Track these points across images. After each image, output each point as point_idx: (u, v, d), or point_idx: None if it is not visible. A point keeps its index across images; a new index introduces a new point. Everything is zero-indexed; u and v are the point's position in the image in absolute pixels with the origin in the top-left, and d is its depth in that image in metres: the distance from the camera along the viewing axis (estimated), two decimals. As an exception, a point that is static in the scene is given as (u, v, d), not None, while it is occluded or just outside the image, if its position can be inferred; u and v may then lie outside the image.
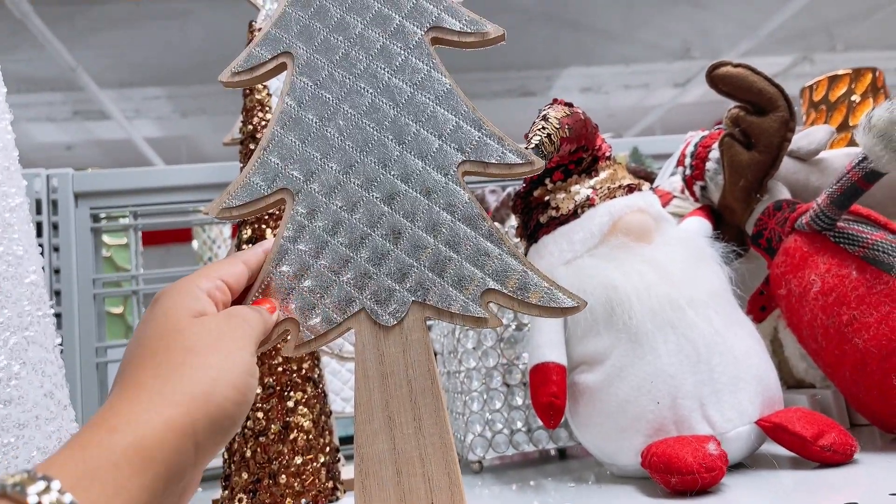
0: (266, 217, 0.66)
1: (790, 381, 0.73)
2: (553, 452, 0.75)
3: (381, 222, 0.42)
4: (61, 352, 0.56)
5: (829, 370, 0.59)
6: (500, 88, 3.88)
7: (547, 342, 0.56)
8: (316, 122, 0.44)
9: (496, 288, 0.41)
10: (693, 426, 0.52)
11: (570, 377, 0.57)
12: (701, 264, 0.58)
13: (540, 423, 0.70)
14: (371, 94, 0.44)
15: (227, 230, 1.49)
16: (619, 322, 0.54)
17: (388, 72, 0.44)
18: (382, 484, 0.40)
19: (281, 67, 0.45)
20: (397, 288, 0.42)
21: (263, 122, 0.69)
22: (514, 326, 0.73)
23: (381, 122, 0.43)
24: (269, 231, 0.66)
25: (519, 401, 0.70)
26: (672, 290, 0.54)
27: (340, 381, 0.92)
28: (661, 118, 4.31)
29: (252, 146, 0.68)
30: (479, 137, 0.42)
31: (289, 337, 0.42)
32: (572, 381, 0.57)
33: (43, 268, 0.53)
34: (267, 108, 0.70)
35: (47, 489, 0.23)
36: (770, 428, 0.52)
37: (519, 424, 0.69)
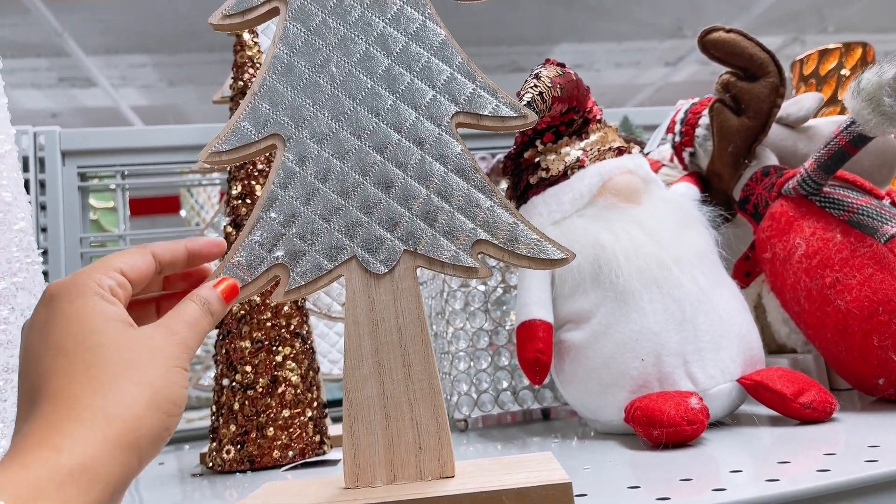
0: (255, 173, 0.66)
1: (772, 347, 0.74)
2: (538, 413, 0.76)
3: (373, 171, 0.42)
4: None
5: (810, 332, 0.60)
6: (491, 63, 3.85)
7: (534, 300, 0.57)
8: (308, 70, 0.44)
9: (487, 238, 0.41)
10: (676, 382, 0.53)
11: (557, 335, 0.58)
12: (688, 226, 0.58)
13: (525, 383, 0.71)
14: (365, 42, 0.43)
15: (214, 195, 1.48)
16: (606, 281, 0.55)
17: (382, 21, 0.43)
18: (371, 428, 0.41)
19: (273, 12, 0.45)
20: (388, 236, 0.42)
21: (254, 79, 0.69)
22: (501, 289, 0.73)
23: (375, 71, 0.43)
24: (258, 187, 0.66)
25: (505, 361, 0.71)
26: (659, 249, 0.55)
27: (328, 344, 0.93)
28: (651, 96, 4.31)
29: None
30: (473, 89, 0.42)
31: (278, 283, 0.42)
32: (558, 339, 0.58)
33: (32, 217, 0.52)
34: (258, 65, 0.70)
35: None
36: (751, 385, 0.54)
37: (504, 384, 0.70)
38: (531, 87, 0.53)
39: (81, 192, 0.97)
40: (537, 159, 0.62)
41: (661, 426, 0.49)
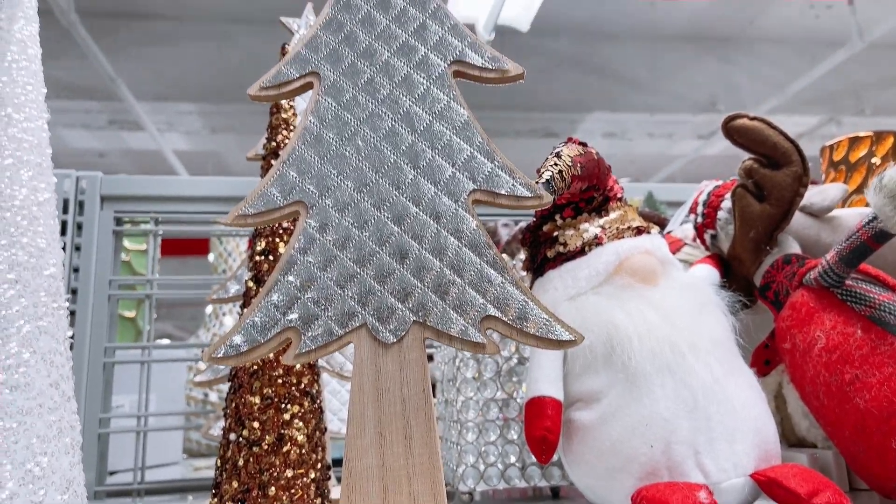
0: (280, 231, 0.68)
1: (792, 440, 0.72)
2: (545, 491, 0.74)
3: (390, 241, 0.44)
4: (71, 346, 0.58)
5: (829, 429, 0.58)
6: (525, 128, 3.92)
7: (545, 376, 0.56)
8: (336, 141, 0.46)
9: (496, 315, 0.42)
10: (686, 473, 0.52)
11: (566, 414, 0.57)
12: (705, 311, 0.58)
13: (534, 459, 0.69)
14: (391, 119, 0.45)
15: (243, 244, 1.52)
16: (618, 362, 0.54)
17: (409, 99, 0.45)
18: (369, 499, 0.40)
19: (307, 86, 0.47)
20: (399, 306, 0.43)
21: (287, 140, 0.71)
22: (515, 360, 0.73)
23: (399, 146, 0.45)
24: (282, 244, 0.67)
25: (514, 435, 0.69)
26: (673, 333, 0.54)
27: (339, 402, 0.93)
28: (682, 168, 4.33)
29: (274, 162, 0.70)
30: (491, 168, 0.44)
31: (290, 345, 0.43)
32: (567, 418, 0.57)
33: (63, 263, 0.54)
34: (292, 127, 0.72)
35: None
36: (765, 482, 0.52)
37: (513, 459, 0.69)
38: (551, 166, 0.54)
39: (116, 236, 1.00)
40: (556, 233, 0.63)
41: (668, 518, 0.47)
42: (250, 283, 0.67)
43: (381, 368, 0.42)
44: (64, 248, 0.68)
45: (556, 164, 0.54)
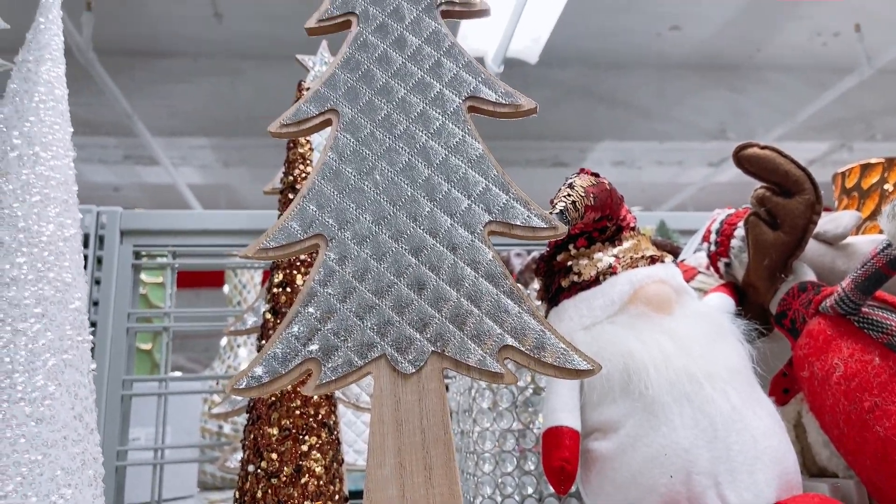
0: (297, 263, 0.69)
1: (812, 469, 0.71)
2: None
3: (408, 273, 0.44)
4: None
5: (850, 458, 0.58)
6: (535, 157, 3.95)
7: (562, 406, 0.57)
8: (354, 176, 0.47)
9: (513, 345, 0.42)
10: None
11: (584, 443, 0.57)
12: (721, 339, 0.58)
13: (551, 490, 0.69)
14: (408, 153, 0.47)
15: (257, 276, 1.53)
16: (635, 391, 0.54)
17: (425, 134, 0.47)
18: (389, 531, 0.40)
19: (326, 123, 0.48)
20: (418, 337, 0.43)
21: (304, 175, 0.73)
22: (531, 390, 0.73)
23: (415, 179, 0.46)
24: (299, 276, 0.68)
25: (531, 466, 0.69)
26: (690, 363, 0.55)
27: (355, 433, 0.93)
28: (693, 196, 4.33)
29: (291, 196, 0.72)
30: (506, 200, 0.45)
31: (310, 377, 0.43)
32: (585, 448, 0.57)
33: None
34: (308, 162, 0.74)
35: None
36: (786, 512, 0.51)
37: (530, 490, 0.68)
38: (564, 196, 0.55)
39: (134, 270, 1.01)
40: (570, 263, 0.63)
41: (690, 549, 0.47)
42: (268, 315, 0.68)
43: (401, 399, 0.42)
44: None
45: (569, 195, 0.55)
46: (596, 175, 0.59)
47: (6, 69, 0.80)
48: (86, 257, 0.97)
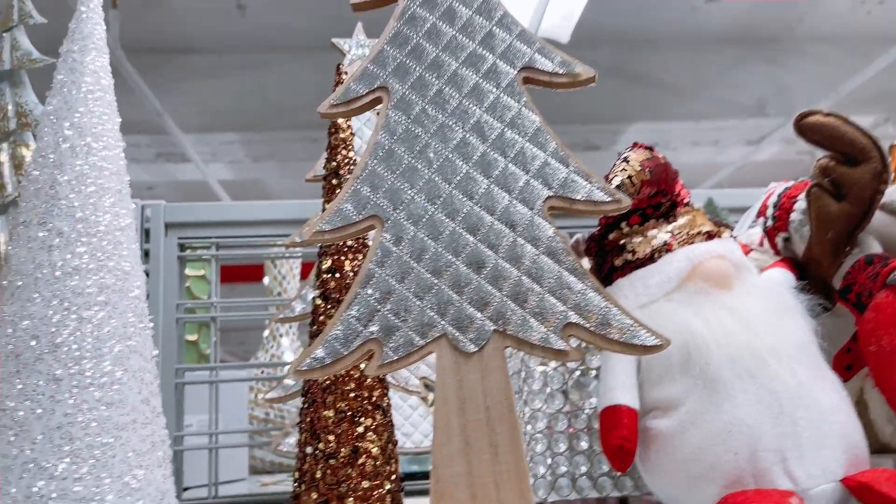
0: (345, 249, 0.69)
1: (875, 446, 0.69)
2: (615, 502, 0.73)
3: (465, 251, 0.44)
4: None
5: (920, 433, 0.56)
6: (565, 141, 3.89)
7: (619, 384, 0.56)
8: (407, 155, 0.46)
9: (577, 322, 0.41)
10: (773, 480, 0.50)
11: (642, 422, 0.56)
12: (784, 315, 0.57)
13: (605, 469, 0.68)
14: (462, 130, 0.46)
15: (296, 267, 1.55)
16: (696, 368, 0.53)
17: (479, 109, 0.46)
18: (456, 508, 0.40)
19: (376, 101, 0.48)
20: (478, 315, 0.43)
21: (346, 159, 0.73)
22: (579, 372, 0.72)
23: (470, 156, 0.45)
24: (347, 262, 0.68)
25: (584, 445, 0.68)
26: (754, 338, 0.53)
27: (402, 416, 0.93)
28: (730, 176, 4.23)
29: (334, 181, 0.72)
30: (566, 174, 0.44)
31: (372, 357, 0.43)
32: (644, 427, 0.56)
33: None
34: (350, 147, 0.74)
35: None
36: (856, 487, 0.50)
37: (583, 469, 0.68)
38: (620, 171, 0.54)
39: (180, 262, 1.03)
40: (622, 241, 0.62)
41: (759, 527, 0.46)
42: (318, 301, 0.68)
43: (464, 378, 0.42)
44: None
45: (625, 170, 0.54)
46: (650, 149, 0.58)
47: (47, 63, 0.81)
48: (134, 250, 0.99)
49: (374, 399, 0.64)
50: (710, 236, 0.61)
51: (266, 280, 1.54)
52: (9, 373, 0.46)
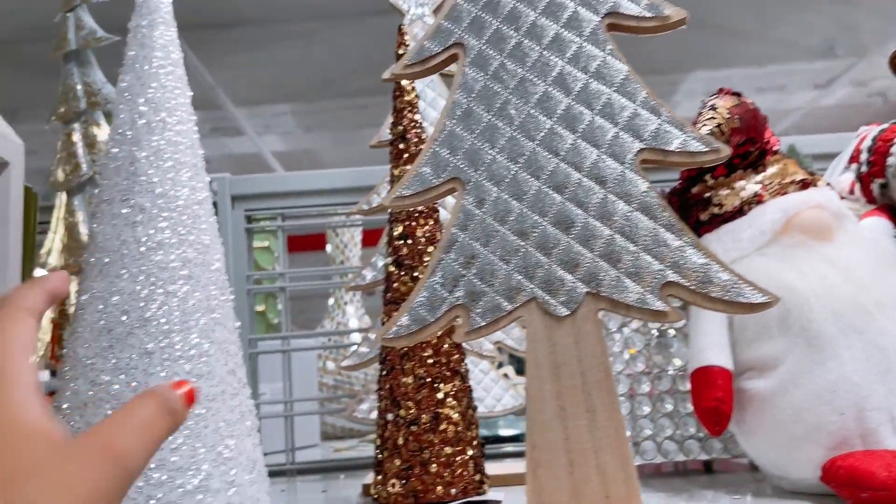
0: (416, 214, 0.68)
1: None
2: (694, 465, 0.71)
3: (552, 211, 0.42)
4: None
5: None
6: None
7: (711, 344, 0.53)
8: (486, 114, 0.44)
9: (676, 280, 0.39)
10: (882, 441, 0.48)
11: (737, 383, 0.54)
12: (889, 265, 0.53)
13: (691, 431, 0.66)
14: (543, 83, 0.44)
15: (357, 235, 1.55)
16: (796, 325, 0.50)
17: (561, 61, 0.43)
18: (554, 473, 0.39)
19: (451, 59, 0.46)
20: (569, 278, 0.41)
21: (413, 123, 0.71)
22: (657, 332, 0.70)
23: (554, 111, 0.43)
24: (419, 229, 0.68)
25: (668, 407, 0.67)
26: (858, 291, 0.50)
27: (473, 381, 0.92)
28: (797, 123, 4.01)
29: (401, 146, 0.70)
30: (658, 124, 0.41)
31: (459, 323, 0.42)
32: (739, 388, 0.54)
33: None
34: (416, 110, 0.72)
35: None
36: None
37: (668, 432, 0.66)
38: (707, 120, 0.50)
39: (247, 234, 1.04)
40: (707, 195, 0.59)
41: (871, 489, 0.44)
42: (391, 268, 0.67)
43: (556, 342, 0.41)
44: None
45: (712, 118, 0.51)
46: (738, 94, 0.54)
47: (112, 41, 0.82)
48: (204, 223, 1.00)
49: (451, 365, 0.64)
50: (804, 185, 0.57)
51: (329, 248, 1.55)
52: (102, 348, 0.47)
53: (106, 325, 0.47)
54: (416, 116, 0.71)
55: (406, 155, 0.69)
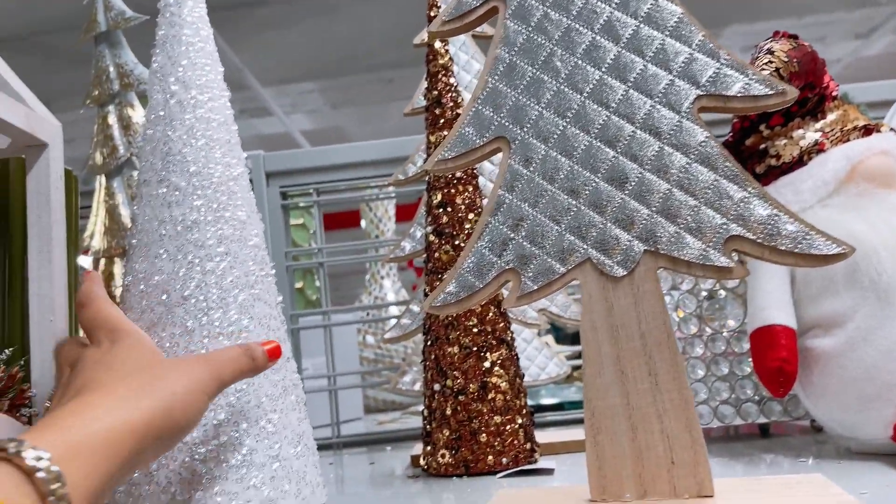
0: (454, 181, 0.66)
1: None
2: (748, 428, 0.69)
3: (605, 166, 0.40)
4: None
5: None
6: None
7: (773, 303, 0.51)
8: (530, 68, 0.42)
9: (741, 234, 0.37)
10: (961, 399, 0.45)
11: (801, 342, 0.51)
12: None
13: (749, 394, 0.64)
14: (590, 32, 0.41)
15: (391, 208, 1.54)
16: (865, 279, 0.48)
17: (609, 7, 0.41)
18: (616, 439, 0.38)
19: (492, 12, 0.44)
20: (625, 236, 0.39)
21: (447, 86, 0.69)
22: (706, 293, 0.67)
23: (602, 61, 0.41)
24: (458, 196, 0.66)
25: (724, 370, 0.64)
26: (932, 241, 0.47)
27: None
28: (838, 74, 3.85)
29: (437, 111, 0.69)
30: (717, 68, 0.39)
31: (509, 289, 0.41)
32: (803, 347, 0.51)
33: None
34: (451, 73, 0.70)
35: (40, 458, 0.28)
36: None
37: (725, 395, 0.64)
38: (765, 64, 0.47)
39: (284, 210, 1.04)
40: (763, 146, 0.56)
41: (952, 449, 0.41)
42: (431, 237, 0.66)
43: (613, 304, 0.39)
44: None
45: (770, 62, 0.48)
46: (795, 37, 0.51)
47: (139, 20, 0.81)
48: (240, 201, 1.00)
49: (497, 333, 0.63)
50: (867, 131, 0.53)
51: (363, 224, 1.55)
52: (146, 327, 0.46)
53: (148, 304, 0.47)
54: (451, 80, 0.69)
55: (442, 120, 0.68)
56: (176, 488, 0.41)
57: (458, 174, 0.67)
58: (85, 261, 0.85)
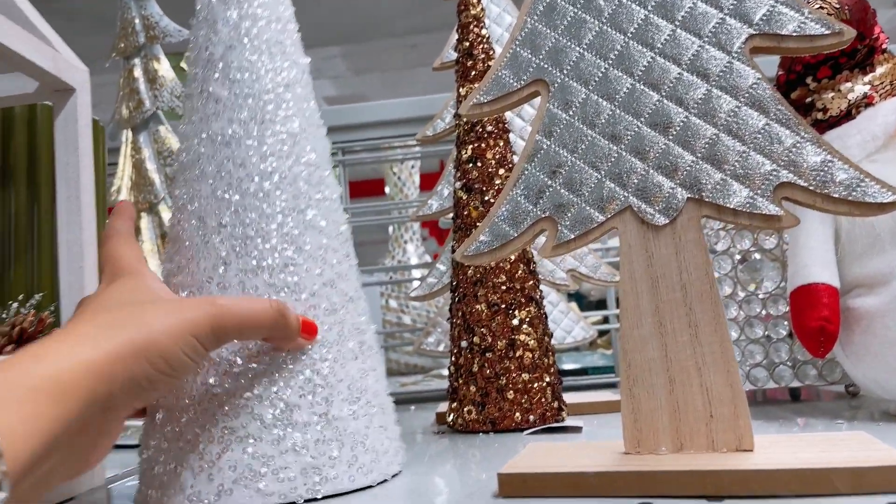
0: (485, 135, 0.65)
1: None
2: (761, 396, 0.67)
3: (648, 110, 0.38)
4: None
5: None
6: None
7: (815, 260, 0.49)
8: (571, 7, 0.41)
9: (791, 181, 0.35)
10: None
11: (843, 301, 0.50)
12: None
13: (784, 357, 0.62)
14: (635, -32, 0.39)
15: (416, 173, 1.53)
16: (914, 236, 0.46)
17: (657, -60, 0.39)
18: (653, 392, 0.37)
19: (532, -49, 0.42)
20: (667, 183, 0.38)
21: (479, 38, 0.67)
22: (739, 256, 0.66)
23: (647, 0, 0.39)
24: (489, 151, 0.64)
25: (759, 332, 0.63)
26: None
27: (542, 314, 0.91)
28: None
29: (469, 63, 0.67)
30: (771, 6, 0.36)
31: (545, 237, 0.40)
32: (845, 306, 0.50)
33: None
34: (482, 24, 0.68)
35: None
36: None
37: (759, 358, 0.63)
38: (816, 10, 0.45)
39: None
40: (809, 99, 0.54)
41: None
42: (461, 193, 0.65)
43: (654, 254, 0.38)
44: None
45: (821, 8, 0.45)
46: (849, -18, 0.48)
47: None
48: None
49: (526, 291, 0.62)
50: (922, 84, 0.51)
51: (387, 189, 1.54)
52: (185, 261, 0.42)
53: (186, 234, 0.41)
54: (483, 31, 0.67)
55: (473, 73, 0.66)
56: (204, 445, 0.37)
57: (489, 128, 0.65)
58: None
